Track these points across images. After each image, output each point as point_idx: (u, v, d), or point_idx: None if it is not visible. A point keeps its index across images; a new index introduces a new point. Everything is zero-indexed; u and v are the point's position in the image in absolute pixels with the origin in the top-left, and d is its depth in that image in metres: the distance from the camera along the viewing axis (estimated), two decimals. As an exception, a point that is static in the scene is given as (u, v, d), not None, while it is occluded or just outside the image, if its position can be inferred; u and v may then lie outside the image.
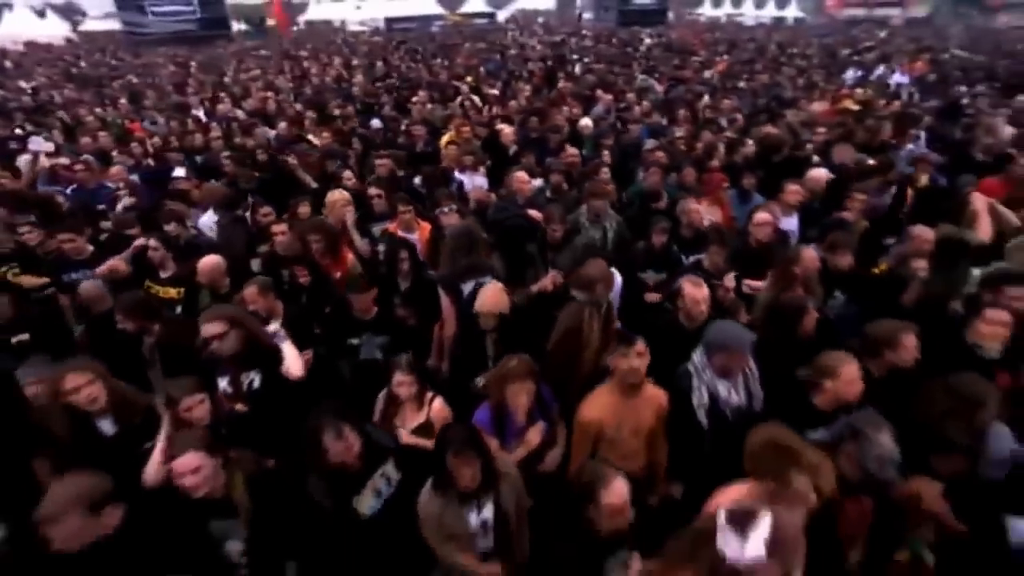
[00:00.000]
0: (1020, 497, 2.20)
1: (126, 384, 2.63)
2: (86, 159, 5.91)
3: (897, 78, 11.51)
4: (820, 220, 4.17)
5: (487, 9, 32.65)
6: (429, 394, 2.60)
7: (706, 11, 48.00)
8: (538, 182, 4.74)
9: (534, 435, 2.42)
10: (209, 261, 3.29)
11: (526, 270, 3.55)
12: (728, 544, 1.44)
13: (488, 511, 2.11)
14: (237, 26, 28.95)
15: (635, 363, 2.30)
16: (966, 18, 43.36)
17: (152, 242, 3.57)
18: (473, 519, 2.09)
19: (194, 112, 8.75)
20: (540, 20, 41.93)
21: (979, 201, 3.77)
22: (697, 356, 2.45)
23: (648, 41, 17.35)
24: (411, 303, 3.24)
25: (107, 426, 2.51)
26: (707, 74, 11.05)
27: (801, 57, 15.28)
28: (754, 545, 1.40)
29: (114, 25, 41.04)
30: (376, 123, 7.18)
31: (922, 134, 6.43)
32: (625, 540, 1.97)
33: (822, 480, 1.84)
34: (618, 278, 3.22)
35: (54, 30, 32.55)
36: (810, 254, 3.14)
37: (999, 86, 9.48)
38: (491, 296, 2.97)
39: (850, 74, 12.15)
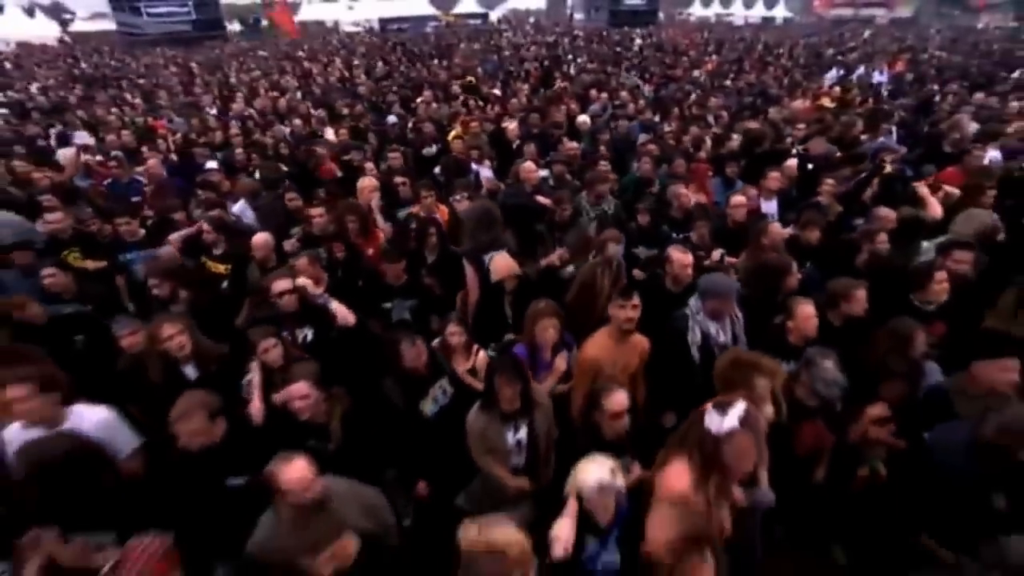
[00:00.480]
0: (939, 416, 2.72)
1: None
2: (116, 155, 6.37)
3: (876, 77, 12.16)
4: (796, 204, 4.73)
5: (479, 10, 33.18)
6: (475, 346, 3.10)
7: (695, 11, 48.77)
8: (542, 172, 5.25)
9: (560, 363, 2.92)
10: (261, 238, 3.78)
11: (536, 246, 4.06)
12: (712, 421, 1.96)
13: (523, 433, 2.60)
14: (231, 26, 29.29)
15: (630, 313, 2.81)
16: (949, 18, 44.39)
17: (206, 225, 4.05)
18: (510, 437, 2.58)
19: (207, 110, 9.18)
20: (531, 20, 42.49)
21: (922, 188, 4.35)
22: (693, 301, 2.98)
23: (639, 41, 17.90)
24: (437, 273, 3.74)
25: (191, 371, 2.99)
26: (696, 73, 11.60)
27: (787, 57, 15.96)
28: (730, 419, 1.92)
29: (103, 25, 41.09)
30: (392, 119, 7.66)
31: (893, 129, 7.02)
32: (626, 447, 2.48)
33: (777, 380, 2.36)
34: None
35: (44, 31, 32.52)
36: (776, 227, 3.69)
37: (967, 85, 10.12)
38: (503, 262, 3.50)
39: (832, 73, 12.79)
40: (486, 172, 5.45)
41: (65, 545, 1.95)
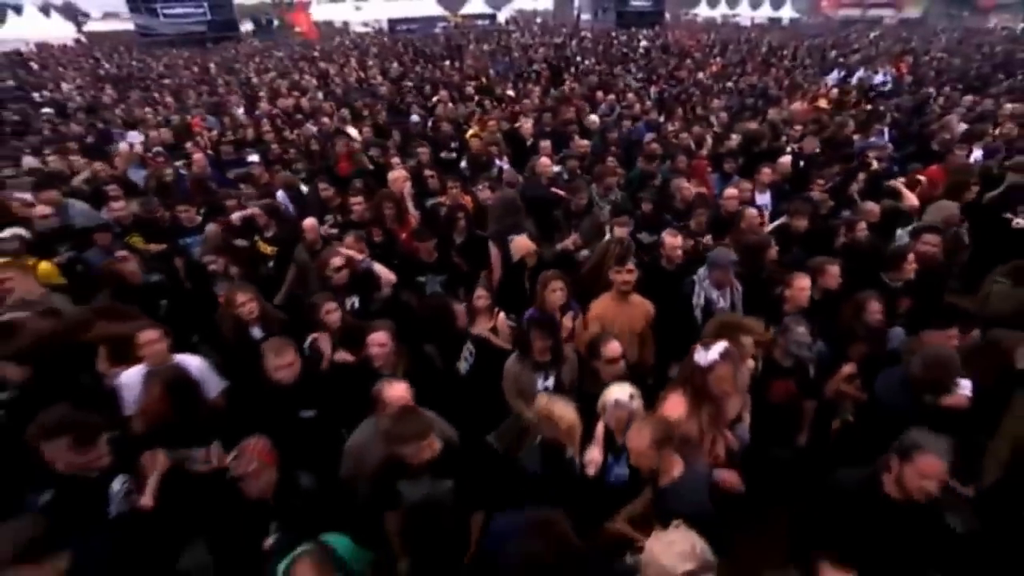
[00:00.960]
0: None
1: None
2: (158, 151, 6.95)
3: (877, 79, 12.60)
4: (789, 197, 5.22)
5: (487, 10, 33.72)
6: (496, 309, 3.60)
7: (702, 11, 49.17)
8: (556, 168, 5.77)
9: (567, 321, 3.42)
10: (311, 222, 4.32)
11: (552, 232, 4.57)
12: (699, 356, 2.47)
13: (551, 381, 3.10)
14: (244, 26, 29.96)
15: (626, 277, 3.32)
16: (958, 19, 44.49)
17: (258, 210, 4.59)
18: (540, 383, 3.08)
19: (235, 109, 9.76)
20: (539, 20, 42.98)
21: (897, 184, 4.89)
22: (701, 271, 3.51)
23: (644, 43, 18.38)
24: (464, 253, 4.27)
25: (257, 332, 3.52)
26: (700, 75, 12.07)
27: (790, 58, 16.42)
28: (712, 354, 2.43)
29: (115, 25, 41.81)
30: (415, 118, 8.19)
31: (885, 129, 7.50)
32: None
33: (757, 333, 2.86)
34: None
35: (60, 31, 33.18)
36: (751, 212, 4.23)
37: (961, 88, 10.57)
38: (523, 243, 4.03)
39: (833, 75, 13.25)
40: (505, 166, 5.98)
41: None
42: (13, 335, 2.81)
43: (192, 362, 3.05)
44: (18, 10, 30.83)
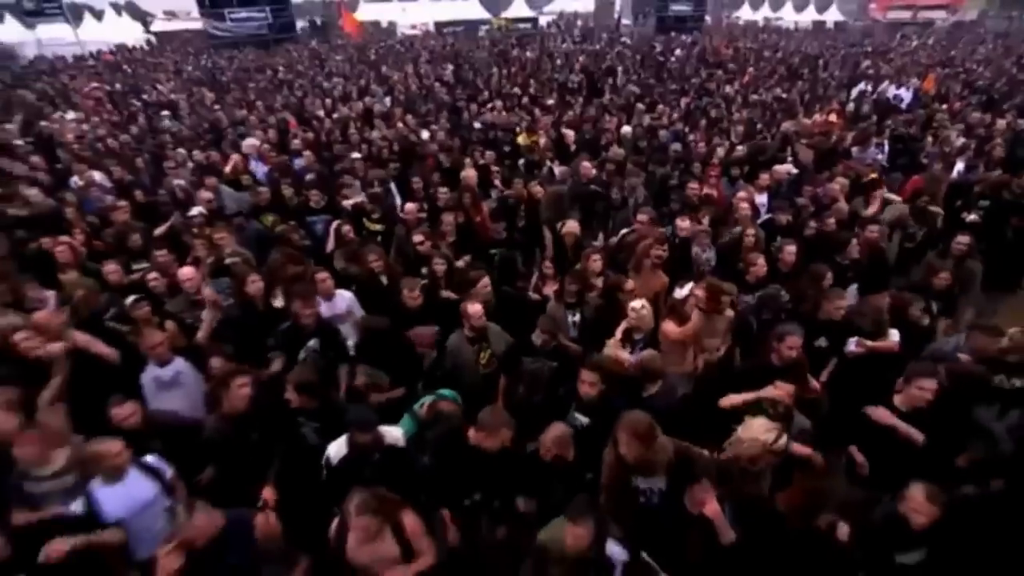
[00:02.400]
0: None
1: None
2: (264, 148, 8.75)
3: (895, 92, 13.58)
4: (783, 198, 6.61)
5: (529, 13, 35.28)
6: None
7: (744, 14, 49.60)
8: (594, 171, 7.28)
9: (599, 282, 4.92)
10: (412, 207, 5.95)
11: (593, 220, 6.09)
12: (677, 293, 3.97)
13: (577, 316, 4.61)
14: (300, 23, 32.33)
15: (659, 252, 4.77)
16: (1019, 20, 43.64)
17: (365, 198, 6.26)
18: (569, 318, 4.60)
19: (317, 112, 11.57)
20: (579, 23, 44.24)
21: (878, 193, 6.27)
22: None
23: (679, 52, 19.62)
24: (525, 234, 5.83)
25: (383, 280, 5.13)
26: (728, 89, 13.34)
27: (822, 69, 17.45)
28: (683, 291, 3.93)
29: (177, 25, 44.88)
30: (477, 125, 9.80)
31: (885, 143, 8.73)
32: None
33: (730, 291, 4.31)
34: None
35: (130, 32, 35.88)
36: (743, 206, 5.64)
37: (974, 103, 11.58)
38: (570, 226, 5.55)
39: (861, 85, 14.28)
40: (557, 168, 7.52)
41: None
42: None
43: (346, 295, 4.69)
44: (99, 16, 33.83)
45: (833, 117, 9.85)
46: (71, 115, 13.33)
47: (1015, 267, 6.49)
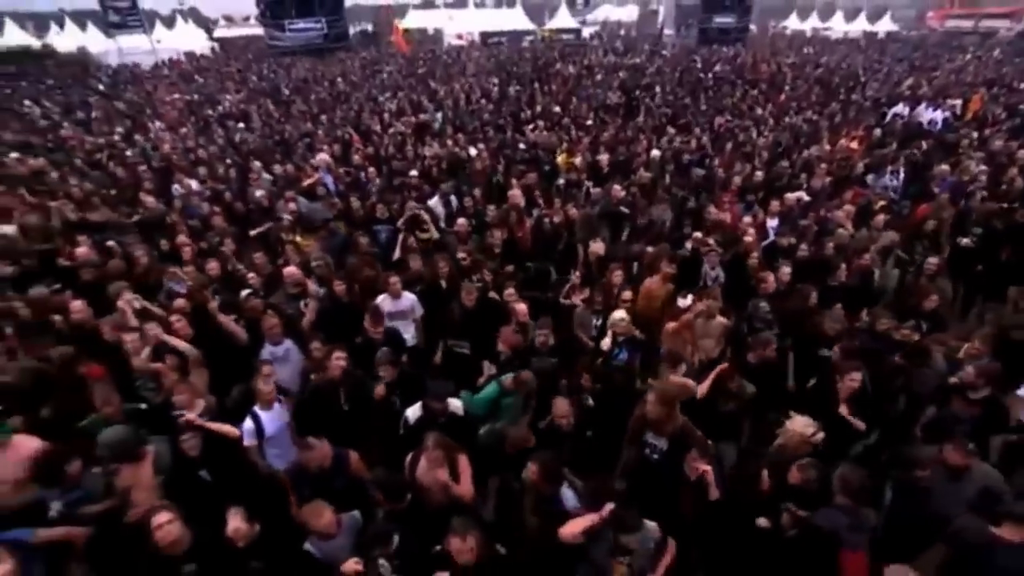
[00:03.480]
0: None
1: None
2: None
3: (933, 117, 13.91)
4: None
5: (573, 24, 36.31)
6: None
7: (792, 24, 49.17)
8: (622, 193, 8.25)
9: (626, 294, 5.92)
10: (463, 222, 7.06)
11: (619, 238, 7.07)
12: (680, 301, 4.93)
13: (599, 321, 5.59)
14: (352, 29, 34.30)
15: (668, 270, 5.74)
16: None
17: (421, 209, 7.42)
18: (595, 322, 5.59)
19: (373, 127, 12.90)
20: (622, 33, 44.95)
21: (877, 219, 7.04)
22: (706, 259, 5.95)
23: (718, 68, 20.28)
24: (565, 252, 6.87)
25: (443, 284, 6.25)
26: (759, 112, 14.03)
27: (861, 88, 17.83)
28: (687, 299, 4.88)
29: (236, 31, 47.59)
30: (522, 146, 10.87)
31: (901, 169, 9.36)
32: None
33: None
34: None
35: (196, 38, 38.33)
36: (748, 229, 6.50)
37: (1019, 124, 11.95)
38: (595, 247, 6.54)
39: (899, 107, 14.65)
40: (593, 188, 8.51)
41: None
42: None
43: (410, 295, 5.80)
44: (168, 23, 36.55)
45: (855, 144, 10.50)
46: (157, 124, 15.12)
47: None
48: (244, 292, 5.65)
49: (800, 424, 3.86)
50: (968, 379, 4.16)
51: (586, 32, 36.45)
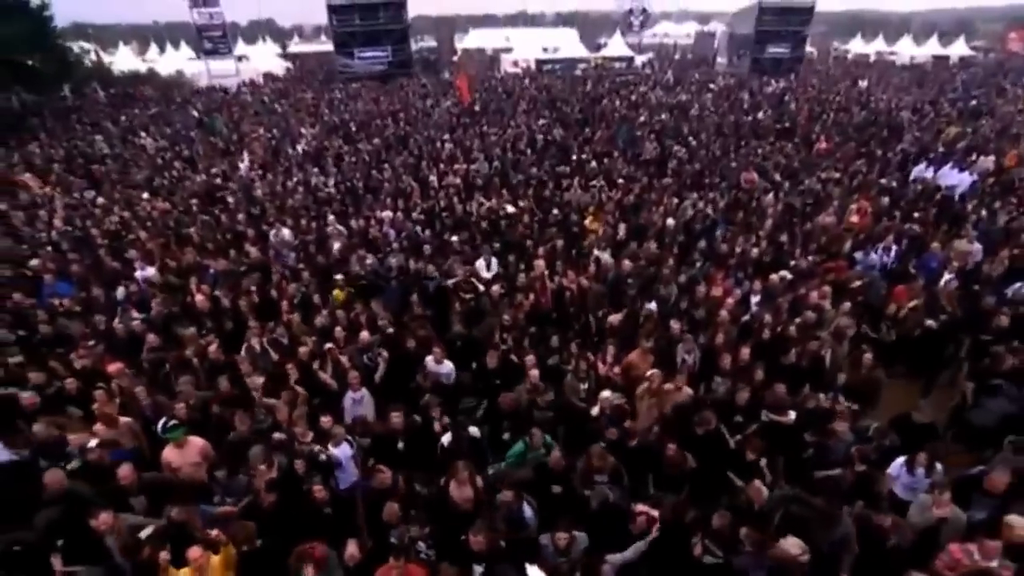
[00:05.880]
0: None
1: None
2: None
3: (954, 179, 14.55)
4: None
5: (626, 52, 37.78)
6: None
7: (855, 47, 48.73)
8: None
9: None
10: (496, 288, 8.97)
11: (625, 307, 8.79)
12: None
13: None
14: (415, 44, 37.17)
15: (648, 345, 7.45)
16: None
17: (468, 274, 9.39)
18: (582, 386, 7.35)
19: (430, 177, 15.08)
20: (676, 56, 45.88)
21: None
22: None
23: (761, 115, 21.42)
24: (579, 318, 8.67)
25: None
26: (783, 161, 15.25)
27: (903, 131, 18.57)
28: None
29: (308, 48, 51.48)
30: (555, 212, 12.60)
31: (893, 247, 10.54)
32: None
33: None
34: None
35: (272, 60, 42.06)
36: (723, 313, 8.08)
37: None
38: (613, 318, 8.30)
39: (919, 170, 15.44)
40: (605, 258, 10.20)
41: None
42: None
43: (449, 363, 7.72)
44: (250, 39, 40.54)
45: (855, 218, 11.70)
46: (245, 160, 17.86)
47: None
48: (328, 345, 7.70)
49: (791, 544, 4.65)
50: (854, 455, 5.71)
51: (639, 60, 37.79)
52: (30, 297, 9.12)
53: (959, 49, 46.86)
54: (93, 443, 5.72)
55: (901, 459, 5.86)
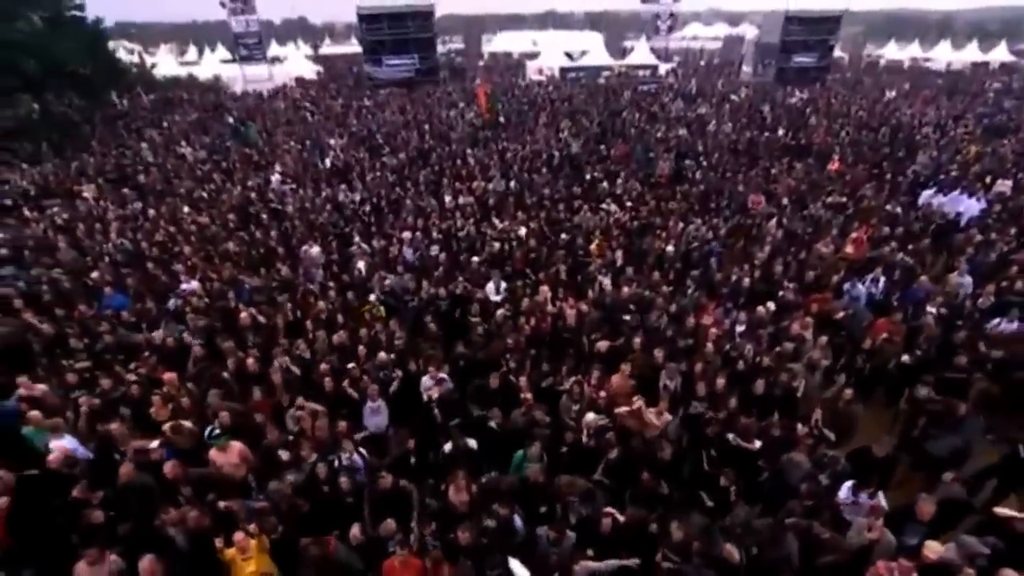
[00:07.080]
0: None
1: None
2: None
3: (963, 205, 14.89)
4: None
5: (650, 60, 38.20)
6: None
7: (888, 52, 47.89)
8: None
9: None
10: (501, 312, 9.95)
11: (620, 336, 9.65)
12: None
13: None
14: (441, 47, 38.33)
15: (626, 369, 8.35)
16: None
17: (478, 298, 10.39)
18: (573, 407, 8.27)
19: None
20: (702, 63, 46.01)
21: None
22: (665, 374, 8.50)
23: (780, 133, 21.85)
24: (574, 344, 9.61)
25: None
26: (784, 201, 15.80)
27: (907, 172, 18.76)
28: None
29: (338, 49, 53.05)
30: (564, 236, 13.48)
31: (881, 278, 11.13)
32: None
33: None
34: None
35: (303, 63, 43.61)
36: (709, 346, 8.90)
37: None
38: (601, 344, 9.22)
39: (927, 195, 15.79)
40: (606, 282, 11.09)
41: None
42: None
43: (449, 383, 8.75)
44: (283, 40, 42.27)
45: (850, 249, 12.30)
46: (278, 172, 19.15)
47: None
48: (350, 365, 8.76)
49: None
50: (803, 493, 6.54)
51: (663, 68, 38.11)
52: (90, 308, 10.39)
53: (1000, 54, 45.60)
54: (155, 444, 6.91)
55: (849, 483, 6.67)
